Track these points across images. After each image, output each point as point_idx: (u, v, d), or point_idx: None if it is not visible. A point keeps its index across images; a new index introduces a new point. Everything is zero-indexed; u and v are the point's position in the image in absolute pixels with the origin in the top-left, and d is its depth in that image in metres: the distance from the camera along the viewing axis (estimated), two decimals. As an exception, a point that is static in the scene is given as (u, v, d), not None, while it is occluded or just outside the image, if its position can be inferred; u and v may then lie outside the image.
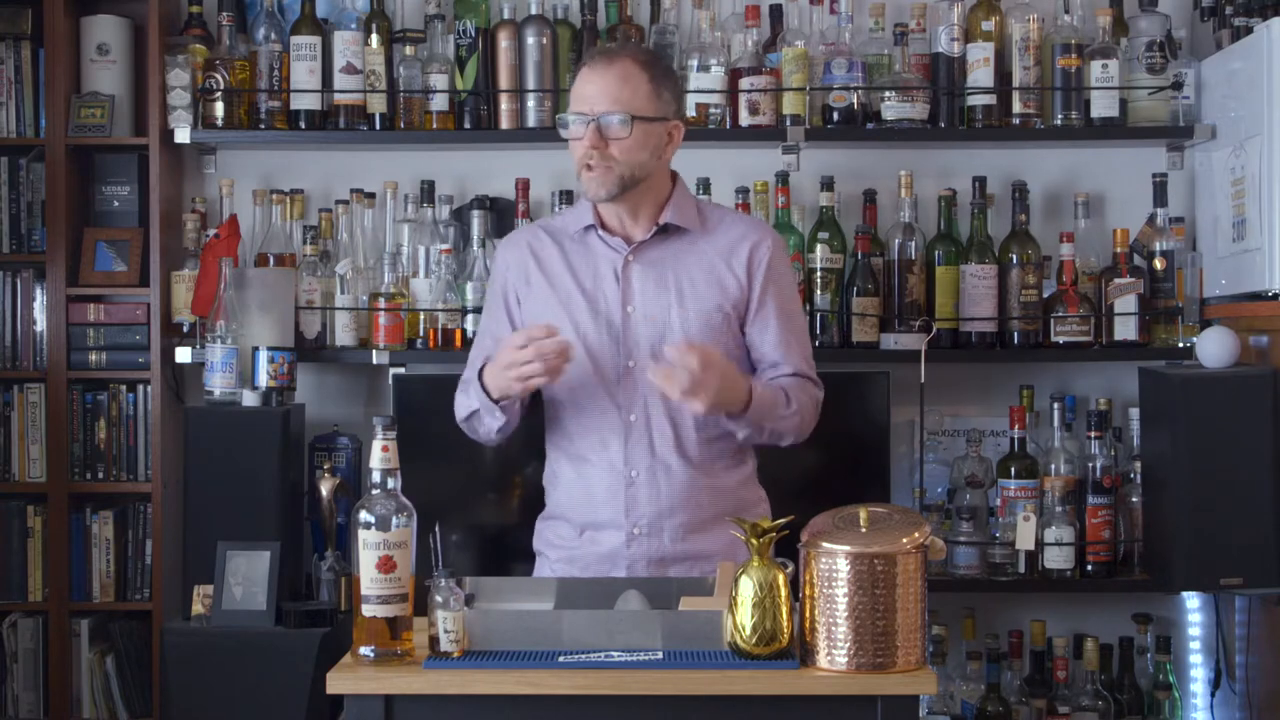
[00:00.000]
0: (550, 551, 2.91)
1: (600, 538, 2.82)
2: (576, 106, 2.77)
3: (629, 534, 2.80)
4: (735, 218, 2.95)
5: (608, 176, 2.75)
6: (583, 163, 2.75)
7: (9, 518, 3.81)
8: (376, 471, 2.37)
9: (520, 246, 2.92)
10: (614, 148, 2.74)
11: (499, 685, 2.28)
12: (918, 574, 2.31)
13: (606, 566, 2.81)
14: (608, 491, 2.80)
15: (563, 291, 2.84)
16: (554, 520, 2.91)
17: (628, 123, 2.73)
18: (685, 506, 2.79)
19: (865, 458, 3.64)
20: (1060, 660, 3.70)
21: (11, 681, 3.79)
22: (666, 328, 2.80)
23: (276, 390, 3.57)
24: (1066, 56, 3.74)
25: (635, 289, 2.82)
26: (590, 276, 2.84)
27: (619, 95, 2.74)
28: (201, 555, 3.42)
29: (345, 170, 3.93)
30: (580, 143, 2.75)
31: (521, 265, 2.90)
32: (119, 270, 3.82)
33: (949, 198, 3.80)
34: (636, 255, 2.83)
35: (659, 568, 2.79)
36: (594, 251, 2.85)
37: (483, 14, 3.82)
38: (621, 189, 2.76)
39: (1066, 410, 3.76)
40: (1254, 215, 3.50)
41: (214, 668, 3.30)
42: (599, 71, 2.77)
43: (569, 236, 2.88)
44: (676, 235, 2.85)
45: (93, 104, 3.80)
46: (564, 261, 2.87)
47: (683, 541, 2.79)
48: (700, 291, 2.82)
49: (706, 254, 2.84)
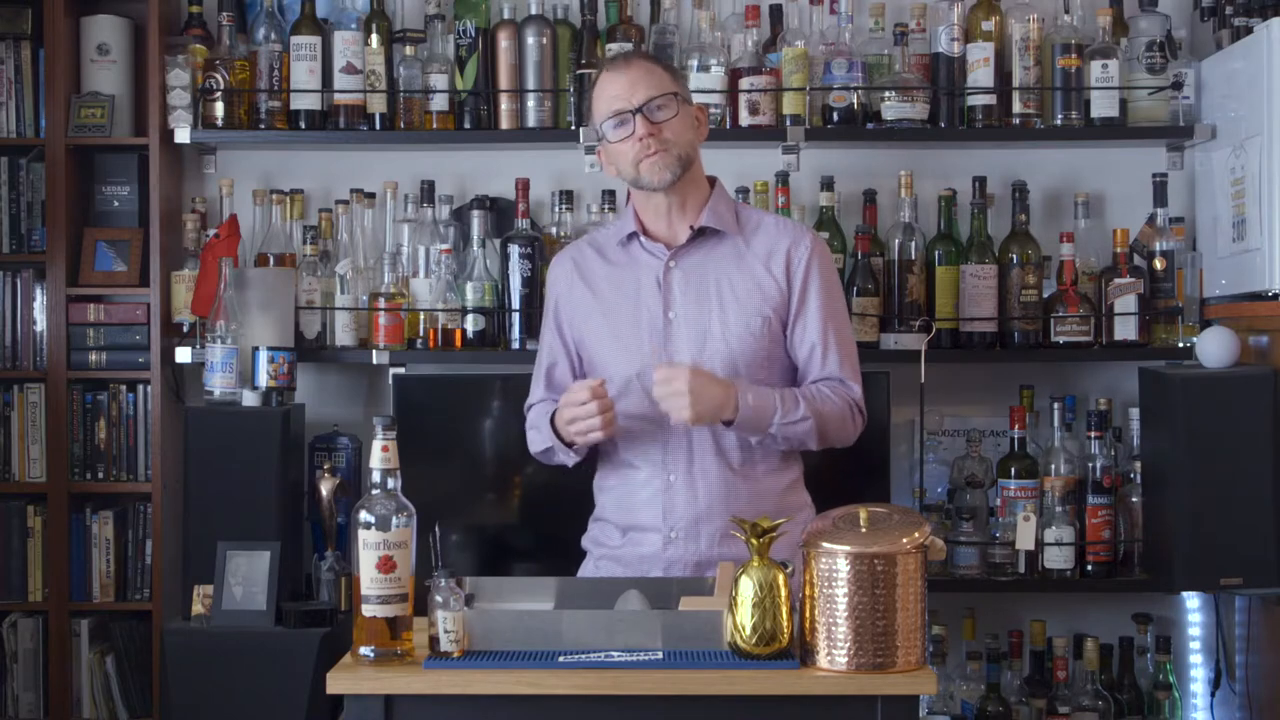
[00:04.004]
0: (595, 549, 2.95)
1: (641, 539, 2.85)
2: (613, 106, 2.79)
3: (666, 537, 2.82)
4: (774, 220, 2.95)
5: (667, 158, 2.78)
6: (640, 154, 2.77)
7: (9, 518, 3.81)
8: (376, 471, 2.37)
9: (565, 263, 2.98)
10: (665, 129, 2.78)
11: (499, 685, 2.28)
12: (918, 574, 2.31)
13: (646, 567, 2.83)
14: (647, 495, 2.82)
15: (606, 302, 2.88)
16: (601, 521, 2.95)
17: (671, 100, 2.79)
18: (723, 511, 2.79)
19: (865, 458, 3.62)
20: (1060, 660, 3.70)
21: (11, 681, 3.79)
22: (708, 334, 2.82)
23: (276, 390, 3.57)
24: (1066, 56, 3.74)
25: (676, 296, 2.84)
26: (633, 285, 2.87)
27: (649, 82, 2.79)
28: (201, 555, 3.42)
29: (345, 170, 3.93)
30: (630, 140, 2.78)
31: (568, 281, 2.95)
32: (119, 270, 3.82)
33: (949, 198, 3.80)
34: (677, 261, 2.85)
35: (697, 571, 2.79)
36: (636, 260, 2.89)
37: (483, 14, 3.82)
38: (682, 169, 2.81)
39: (1066, 410, 3.76)
40: (1254, 215, 3.50)
41: (214, 668, 3.30)
42: (620, 71, 2.82)
43: (613, 247, 2.93)
44: (715, 239, 2.87)
45: (93, 104, 3.80)
46: (608, 272, 2.91)
47: (720, 545, 2.79)
48: (741, 297, 2.83)
49: (746, 259, 2.86)
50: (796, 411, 2.76)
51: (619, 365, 2.84)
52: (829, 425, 2.81)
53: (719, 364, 2.79)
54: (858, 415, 2.86)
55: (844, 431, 2.85)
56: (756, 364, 2.82)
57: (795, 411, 2.76)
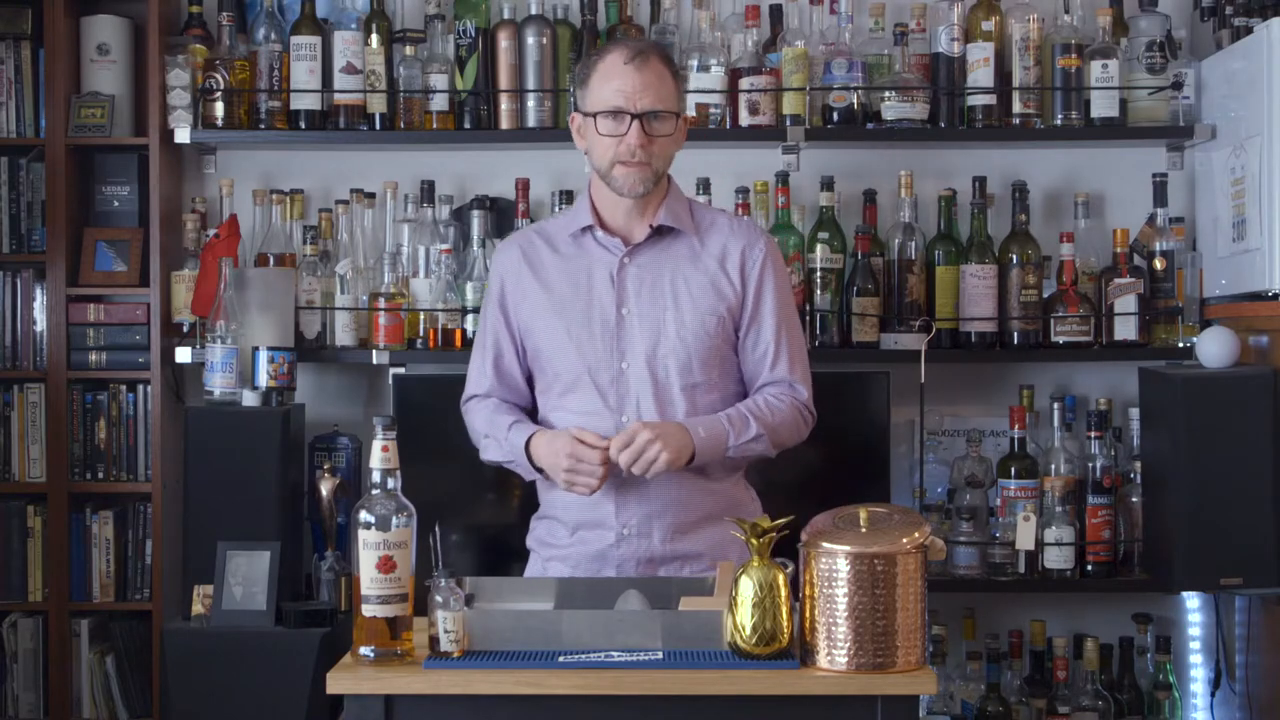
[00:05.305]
0: (542, 550, 2.92)
1: (591, 537, 2.83)
2: (615, 101, 2.75)
3: (619, 534, 2.80)
4: (727, 220, 2.94)
5: (646, 172, 2.77)
6: (622, 157, 2.75)
7: (9, 518, 3.81)
8: (376, 471, 2.37)
9: (513, 251, 2.93)
10: (656, 145, 2.75)
11: (499, 685, 2.28)
12: (918, 574, 2.31)
13: (596, 566, 2.82)
14: (599, 492, 2.78)
15: (556, 294, 2.85)
16: (547, 519, 2.92)
17: (672, 119, 2.78)
18: (675, 507, 2.80)
19: (865, 458, 3.64)
20: (1060, 660, 3.70)
21: (11, 681, 3.79)
22: (661, 332, 2.80)
23: (276, 390, 3.57)
24: (1066, 56, 3.74)
25: (630, 292, 2.82)
26: (585, 278, 2.84)
27: (661, 92, 2.76)
28: (201, 555, 3.42)
29: (345, 170, 3.93)
30: (619, 137, 2.74)
31: (515, 270, 2.91)
32: (119, 270, 3.82)
33: (949, 198, 3.80)
34: (632, 257, 2.84)
35: (648, 568, 2.80)
36: (589, 253, 2.86)
37: (483, 14, 3.82)
38: (655, 183, 2.79)
39: (1066, 410, 3.76)
40: (1254, 215, 3.50)
41: (214, 668, 3.30)
42: (637, 67, 2.75)
43: (564, 239, 2.89)
44: (670, 236, 2.85)
45: (93, 104, 3.80)
46: (558, 264, 2.87)
47: (672, 542, 2.80)
48: (696, 296, 2.82)
49: (701, 257, 2.85)
50: (749, 431, 2.77)
51: (569, 360, 2.82)
52: (781, 434, 2.83)
53: (672, 361, 2.79)
54: (808, 416, 2.88)
55: (796, 435, 2.87)
56: (709, 362, 2.82)
57: (747, 431, 2.77)
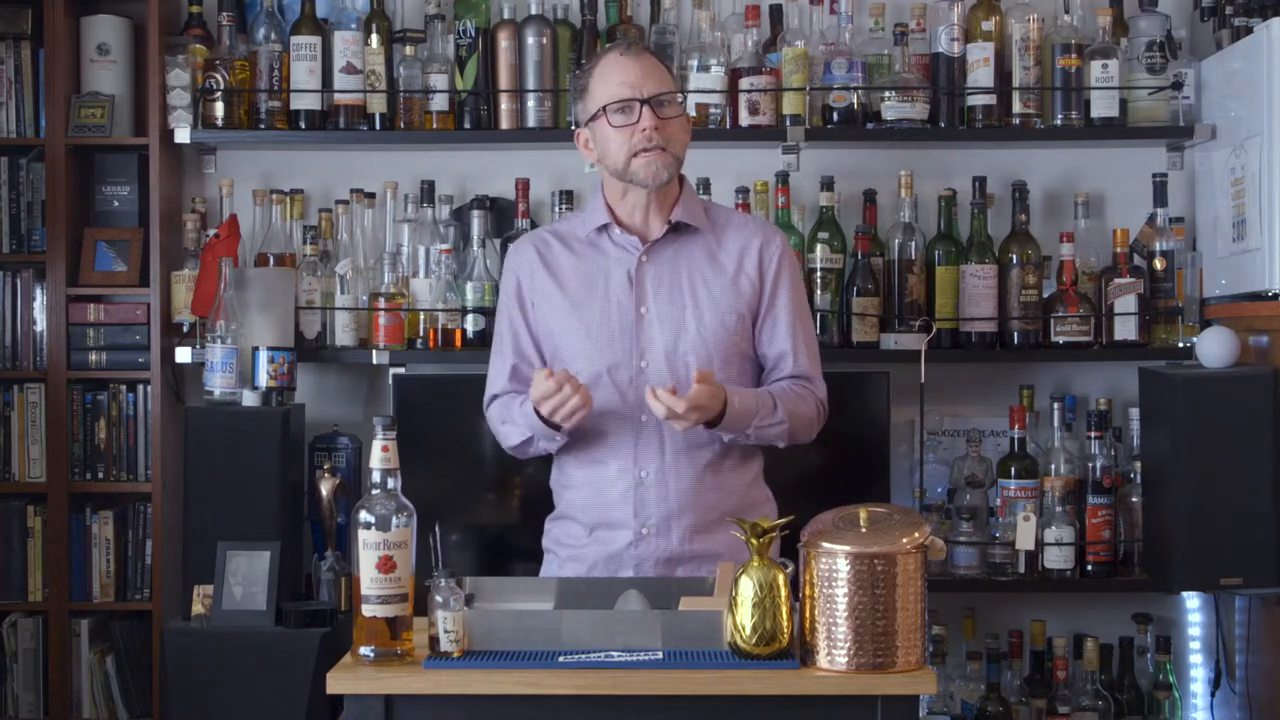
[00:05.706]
0: (559, 550, 2.92)
1: (609, 537, 2.83)
2: (621, 93, 2.76)
3: (637, 534, 2.81)
4: (741, 218, 2.97)
5: (666, 158, 2.77)
6: (639, 147, 2.75)
7: (9, 518, 3.81)
8: (376, 471, 2.37)
9: (527, 250, 2.93)
10: (668, 127, 2.77)
11: (499, 685, 2.28)
12: (918, 574, 2.31)
13: (614, 566, 2.82)
14: (619, 492, 2.80)
15: (573, 294, 2.86)
16: (564, 520, 2.92)
17: (676, 100, 2.80)
18: (694, 507, 2.80)
19: (865, 458, 3.64)
20: (1060, 660, 3.70)
21: (11, 681, 3.79)
22: (682, 329, 2.81)
23: (276, 390, 3.57)
24: (1066, 56, 3.74)
25: (649, 291, 2.83)
26: (602, 278, 2.85)
27: (660, 76, 2.79)
28: (201, 555, 3.42)
29: (345, 170, 3.93)
30: (630, 129, 2.75)
31: (530, 268, 2.91)
32: (119, 270, 3.82)
33: (949, 198, 3.80)
34: (650, 256, 2.84)
35: (666, 568, 2.80)
36: (605, 254, 2.86)
37: (483, 14, 3.82)
38: (675, 172, 2.80)
39: (1066, 410, 3.76)
40: (1254, 215, 3.50)
41: (214, 668, 3.30)
42: (632, 59, 2.78)
43: (578, 240, 2.90)
44: (687, 235, 2.86)
45: (93, 104, 3.80)
46: (574, 264, 2.88)
47: (690, 542, 2.80)
48: (716, 293, 2.83)
49: (719, 255, 2.86)
50: (774, 415, 2.78)
51: (589, 359, 2.82)
52: (798, 426, 2.84)
53: (693, 359, 2.79)
54: (823, 414, 2.90)
55: (810, 431, 2.88)
56: (729, 359, 2.83)
57: (773, 415, 2.78)
